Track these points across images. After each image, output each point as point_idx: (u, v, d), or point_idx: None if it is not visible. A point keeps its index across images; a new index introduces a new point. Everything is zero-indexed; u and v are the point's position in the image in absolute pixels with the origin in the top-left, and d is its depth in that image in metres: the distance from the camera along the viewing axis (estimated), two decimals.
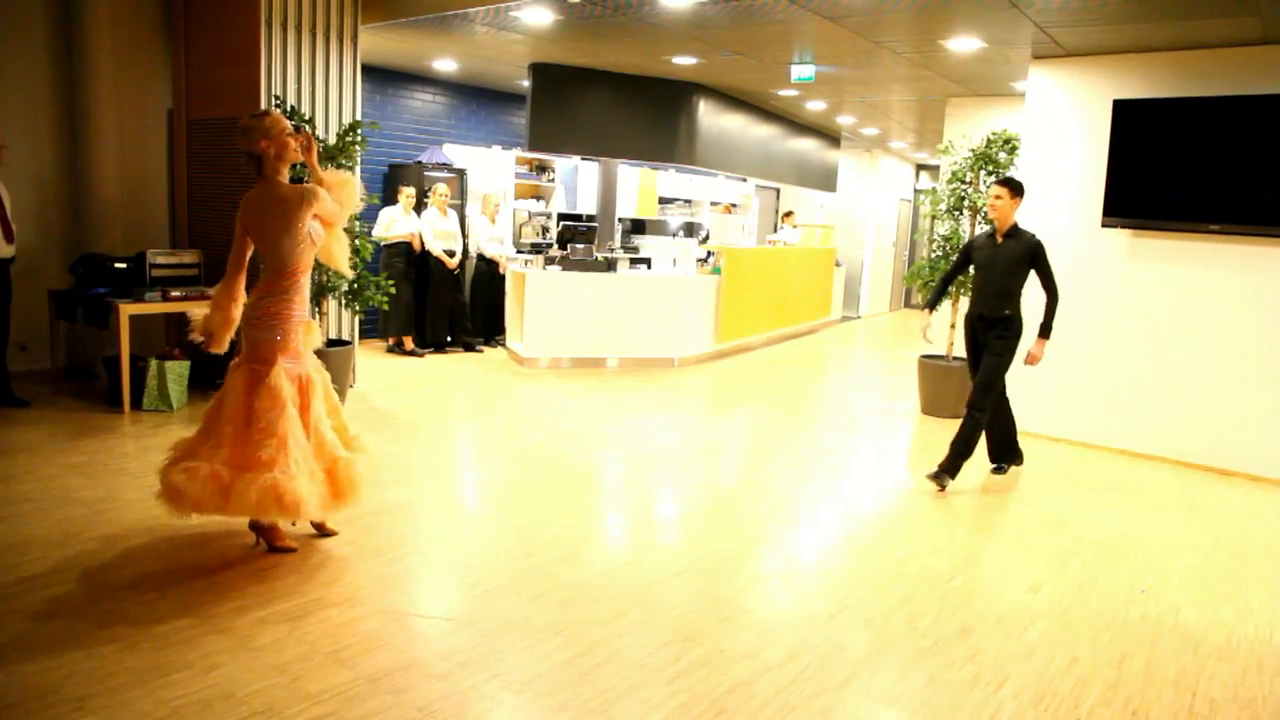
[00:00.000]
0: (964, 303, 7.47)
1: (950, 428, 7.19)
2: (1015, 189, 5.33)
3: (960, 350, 7.78)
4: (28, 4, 6.84)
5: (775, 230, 15.47)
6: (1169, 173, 6.23)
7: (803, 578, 3.98)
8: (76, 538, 3.91)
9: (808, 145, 13.36)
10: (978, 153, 7.28)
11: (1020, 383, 7.04)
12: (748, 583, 3.88)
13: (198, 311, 3.88)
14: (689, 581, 3.81)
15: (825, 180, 14.35)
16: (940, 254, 7.48)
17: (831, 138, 14.11)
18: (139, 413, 6.14)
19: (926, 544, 4.47)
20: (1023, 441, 5.97)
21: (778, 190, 16.53)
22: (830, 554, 4.31)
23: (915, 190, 18.14)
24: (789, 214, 14.60)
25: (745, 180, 14.28)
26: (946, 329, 7.61)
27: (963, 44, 7.04)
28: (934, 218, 7.63)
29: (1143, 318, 6.56)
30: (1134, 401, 6.61)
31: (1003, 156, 7.20)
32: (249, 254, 3.84)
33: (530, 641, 3.17)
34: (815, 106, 11.32)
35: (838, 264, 14.34)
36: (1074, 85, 6.78)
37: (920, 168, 18.27)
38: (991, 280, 5.40)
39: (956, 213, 7.43)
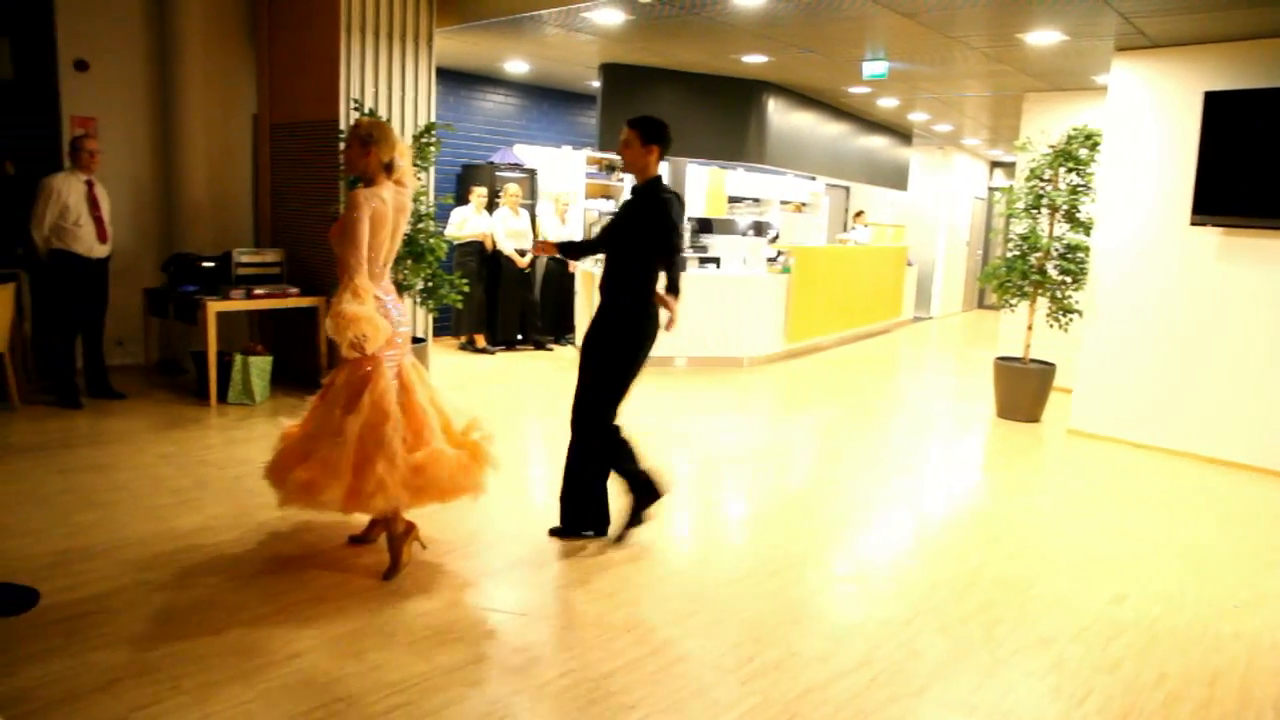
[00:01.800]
0: (1043, 303, 7.28)
1: (1027, 432, 7.02)
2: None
3: (1038, 352, 7.59)
4: (127, 19, 7.10)
5: (845, 229, 15.27)
6: (1265, 168, 5.96)
7: (875, 582, 3.91)
8: (167, 525, 4.04)
9: (878, 143, 13.15)
10: (1057, 149, 7.07)
11: (1101, 387, 6.83)
12: (819, 585, 3.83)
13: (348, 332, 3.47)
14: (760, 583, 3.78)
15: (896, 178, 14.10)
16: (1018, 253, 7.29)
17: (903, 135, 13.87)
18: (224, 406, 6.33)
19: (1003, 550, 4.36)
20: (1104, 447, 5.78)
21: (847, 189, 16.30)
22: (903, 558, 4.23)
23: (990, 188, 17.72)
24: (860, 213, 14.40)
25: (814, 179, 14.12)
26: (1025, 330, 7.41)
27: (1042, 37, 6.84)
28: (1010, 216, 7.44)
29: (1232, 320, 6.29)
30: (1223, 408, 6.35)
31: (1084, 153, 6.98)
32: None
33: (602, 639, 3.18)
34: (887, 104, 11.12)
35: (909, 263, 14.09)
36: (1160, 77, 6.53)
37: (995, 165, 17.83)
38: None
39: (1034, 210, 7.22)
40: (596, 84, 9.77)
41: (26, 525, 3.97)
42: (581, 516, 4.17)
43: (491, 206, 9.26)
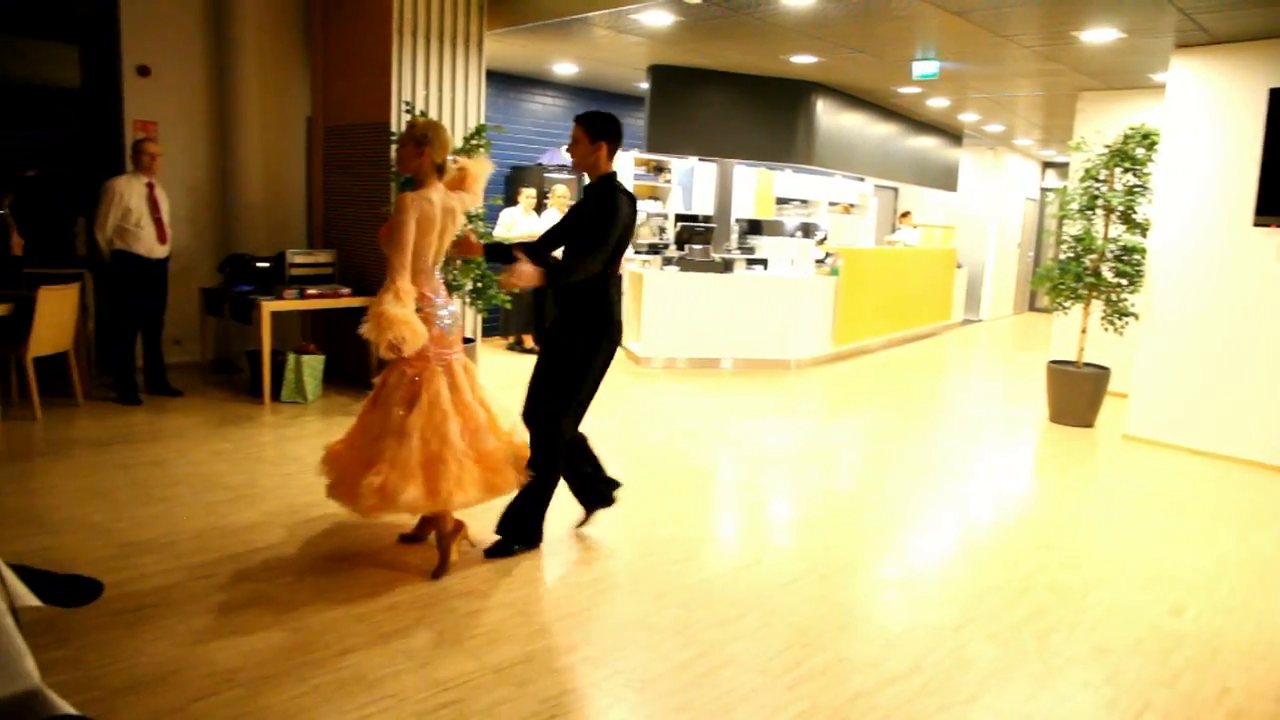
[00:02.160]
0: (1097, 306, 7.12)
1: (1081, 437, 6.88)
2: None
3: (1092, 356, 7.43)
4: (187, 26, 7.27)
5: (893, 230, 15.10)
6: None
7: (925, 587, 3.86)
8: (223, 521, 4.12)
9: (928, 143, 12.99)
10: (1113, 149, 6.91)
11: (1158, 391, 6.66)
12: (868, 590, 3.79)
13: (387, 334, 3.49)
14: (808, 586, 3.75)
15: (946, 179, 13.91)
16: (1071, 255, 7.14)
17: (953, 135, 13.68)
18: (278, 404, 6.44)
19: (1057, 557, 4.27)
20: (1161, 453, 5.64)
21: (896, 190, 16.12)
22: (953, 564, 4.17)
23: (1042, 189, 17.40)
24: (906, 214, 14.23)
25: (863, 180, 13.98)
26: (1078, 334, 7.26)
27: (1098, 35, 6.69)
28: (1064, 217, 7.29)
29: None
30: None
31: (1140, 152, 6.82)
32: None
33: (651, 640, 3.17)
34: (937, 104, 10.98)
35: (959, 265, 13.89)
36: (1222, 74, 6.36)
37: (1047, 165, 17.51)
38: None
39: (1089, 212, 7.07)
40: (644, 85, 9.78)
41: (91, 519, 4.08)
42: (518, 528, 3.90)
43: (540, 208, 9.32)
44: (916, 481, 5.44)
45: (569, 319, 3.84)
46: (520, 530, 3.88)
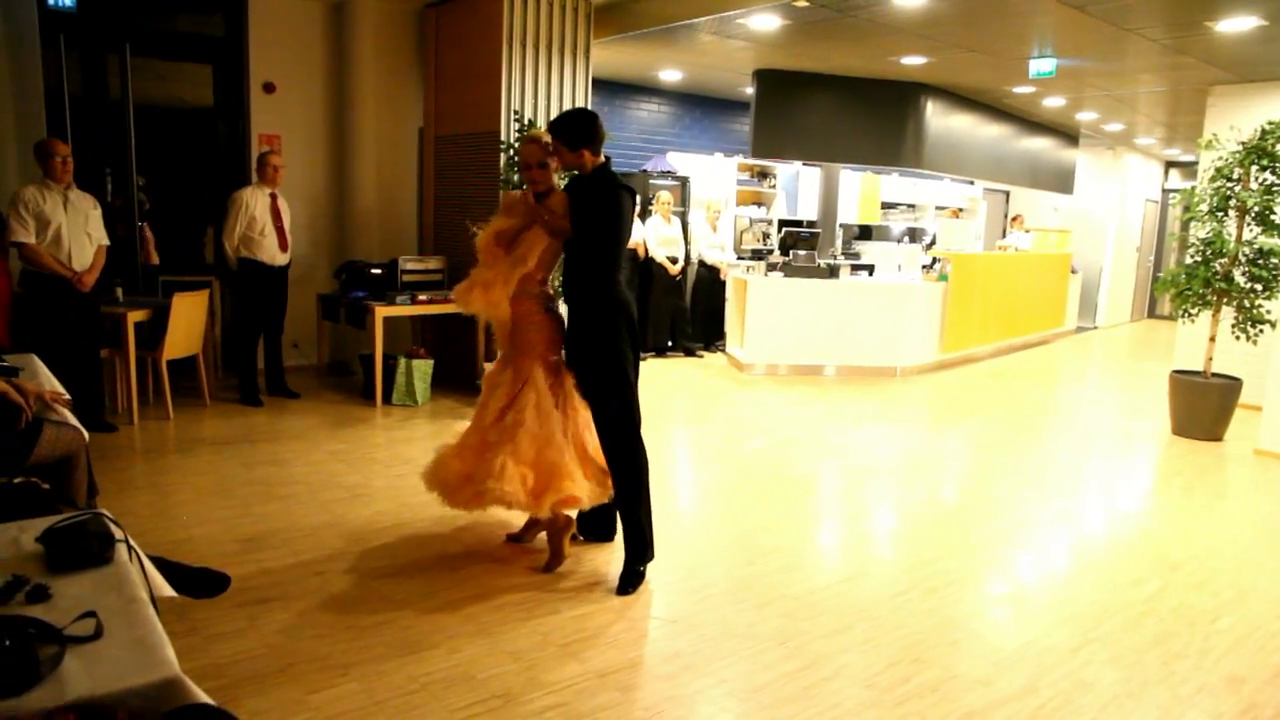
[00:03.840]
0: (1227, 313, 6.72)
1: (1207, 451, 6.50)
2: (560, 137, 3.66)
3: (1220, 366, 7.01)
4: (310, 43, 7.59)
5: (1004, 235, 14.61)
6: None
7: (1040, 605, 3.70)
8: (339, 519, 4.27)
9: (1042, 144, 12.52)
10: (1249, 145, 6.50)
11: None
12: (977, 606, 3.66)
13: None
14: (916, 600, 3.65)
15: (1061, 181, 13.38)
16: (1199, 259, 6.76)
17: (1069, 135, 13.15)
18: (389, 407, 6.64)
19: (1183, 578, 4.04)
20: None
21: (1007, 193, 15.60)
22: (1071, 582, 3.99)
23: (1164, 190, 16.55)
24: (1016, 218, 13.75)
25: (972, 183, 13.59)
26: (1206, 342, 6.86)
27: (1235, 24, 6.32)
28: (1191, 219, 6.90)
29: None
30: None
31: None
32: None
33: (754, 650, 3.14)
34: (1052, 103, 10.57)
35: (1073, 270, 13.34)
36: None
37: (1171, 165, 16.64)
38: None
39: (1220, 213, 6.68)
40: (749, 90, 9.73)
41: (216, 514, 4.28)
42: (635, 548, 3.71)
43: (644, 214, 9.36)
44: (1027, 495, 5.23)
45: (584, 321, 3.71)
46: (639, 549, 3.69)
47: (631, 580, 3.63)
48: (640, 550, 3.69)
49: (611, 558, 3.93)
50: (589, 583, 3.67)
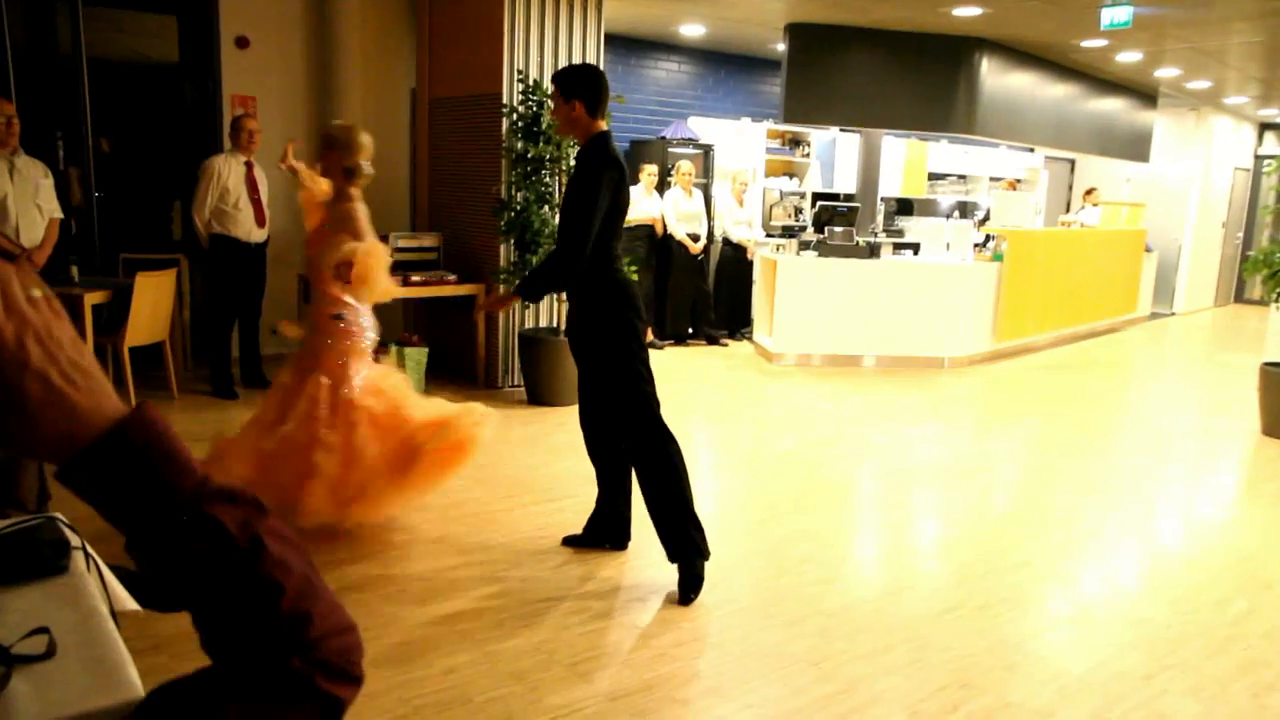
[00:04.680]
0: None
1: None
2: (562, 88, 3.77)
3: None
4: None
5: (1069, 209, 14.51)
6: None
7: (1107, 626, 3.68)
8: (323, 526, 4.28)
9: (1114, 106, 12.41)
10: None
11: None
12: (1036, 626, 3.64)
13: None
14: (966, 618, 3.63)
15: (1135, 148, 13.27)
16: None
17: (1145, 96, 13.03)
18: None
19: (1275, 599, 4.01)
20: None
21: (1072, 162, 15.48)
22: (1144, 600, 3.96)
23: (1257, 156, 16.37)
24: (1090, 190, 13.66)
25: (1032, 151, 13.49)
26: None
27: None
28: None
29: None
30: None
31: None
32: None
33: (784, 672, 3.14)
34: (1127, 59, 10.47)
35: (1147, 249, 13.23)
36: None
37: (1265, 128, 16.45)
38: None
39: None
40: (781, 47, 9.68)
41: None
42: (685, 547, 3.77)
43: (662, 186, 9.35)
44: (1094, 502, 5.20)
45: (587, 314, 3.80)
46: (688, 546, 3.71)
47: (693, 583, 3.67)
48: (697, 546, 3.71)
49: (625, 568, 3.93)
50: (601, 596, 3.68)
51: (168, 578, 0.74)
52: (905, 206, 11.32)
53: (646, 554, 4.13)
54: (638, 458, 3.74)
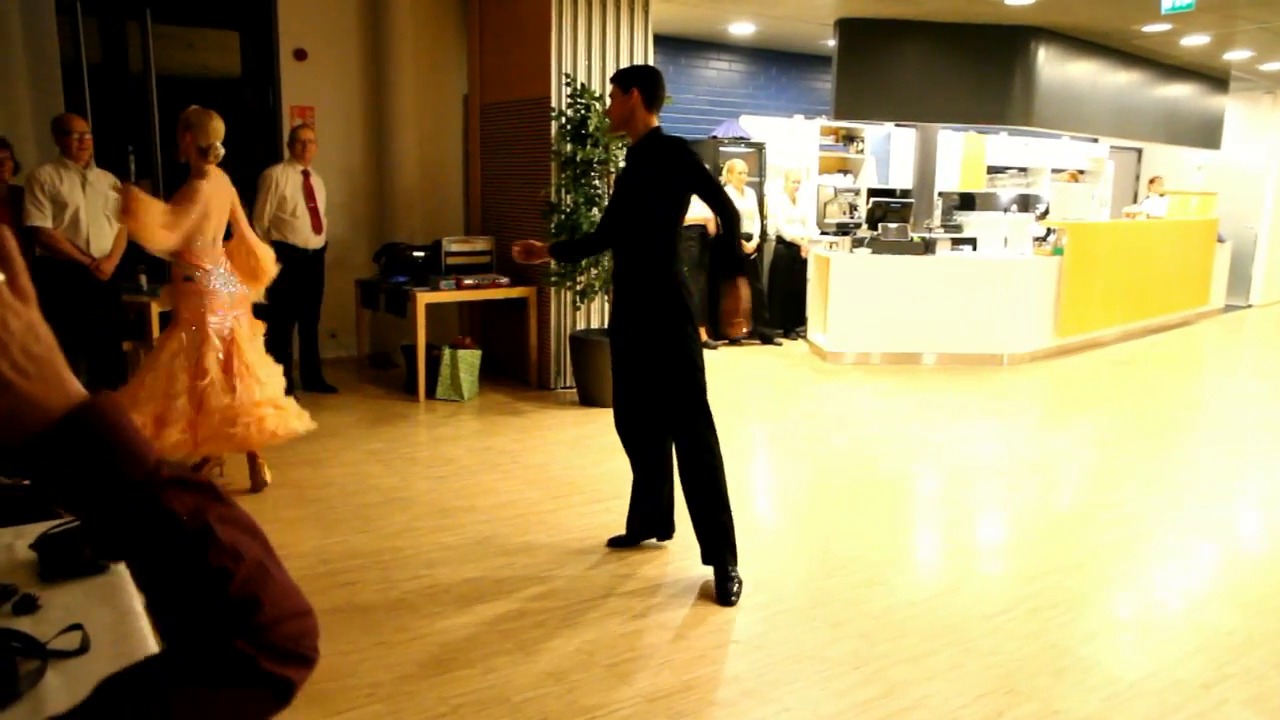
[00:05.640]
0: None
1: None
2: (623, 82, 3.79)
3: None
4: (343, 4, 7.74)
5: (1135, 200, 14.13)
6: None
7: (1167, 631, 3.56)
8: (372, 525, 4.36)
9: (1181, 92, 12.04)
10: None
11: None
12: (1090, 630, 3.54)
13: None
14: (1016, 622, 3.55)
15: (1206, 135, 12.85)
16: None
17: (1215, 80, 12.61)
18: (433, 401, 6.75)
19: None
20: None
21: (1139, 151, 15.06)
22: (1207, 605, 3.83)
23: None
24: (1154, 179, 13.29)
25: (1096, 141, 13.15)
26: None
27: None
28: None
29: None
30: None
31: None
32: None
33: (824, 675, 3.10)
34: (1193, 42, 10.15)
35: (1220, 239, 12.82)
36: None
37: None
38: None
39: None
40: (831, 43, 9.57)
41: None
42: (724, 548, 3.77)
43: None
44: (1159, 502, 5.05)
45: (653, 305, 3.75)
46: (725, 544, 3.72)
47: (733, 586, 3.66)
48: (730, 547, 3.73)
49: (668, 569, 3.92)
50: (642, 595, 3.67)
51: (124, 562, 0.76)
52: (964, 201, 11.12)
53: (688, 554, 4.11)
54: (690, 451, 3.73)
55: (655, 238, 3.79)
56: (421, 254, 7.22)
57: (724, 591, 3.65)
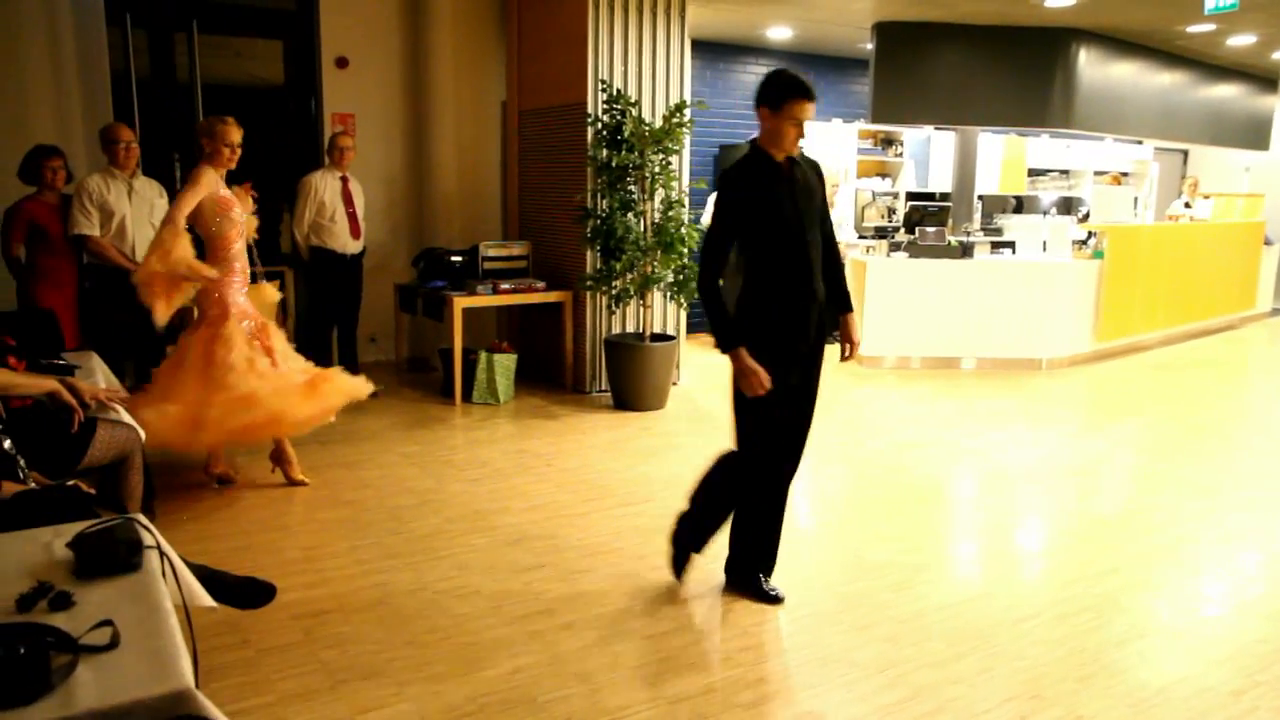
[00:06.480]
0: None
1: None
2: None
3: None
4: (383, 12, 7.85)
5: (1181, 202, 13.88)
6: None
7: (1199, 639, 3.51)
8: (406, 527, 4.42)
9: (1227, 93, 11.83)
10: None
11: None
12: (1121, 635, 3.49)
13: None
14: (1045, 627, 3.51)
15: (1253, 136, 12.61)
16: None
17: (1263, 80, 12.37)
18: (469, 405, 6.81)
19: None
20: None
21: (1185, 153, 14.81)
22: (1242, 612, 3.76)
23: None
24: (1193, 183, 13.05)
25: (1140, 143, 12.96)
26: None
27: None
28: None
29: None
30: None
31: None
32: None
33: (849, 678, 3.09)
34: (1239, 42, 9.97)
35: (1267, 242, 12.56)
36: None
37: None
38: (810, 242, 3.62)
39: None
40: (869, 46, 9.53)
41: (280, 520, 4.49)
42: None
43: None
44: (1198, 508, 4.96)
45: (821, 327, 3.65)
46: (758, 560, 3.77)
47: (769, 594, 3.70)
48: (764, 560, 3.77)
49: (696, 572, 3.93)
50: (671, 599, 3.69)
51: None
52: (1004, 204, 11.01)
53: (716, 558, 4.12)
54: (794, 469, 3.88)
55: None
56: (459, 259, 7.29)
57: (765, 599, 3.70)
